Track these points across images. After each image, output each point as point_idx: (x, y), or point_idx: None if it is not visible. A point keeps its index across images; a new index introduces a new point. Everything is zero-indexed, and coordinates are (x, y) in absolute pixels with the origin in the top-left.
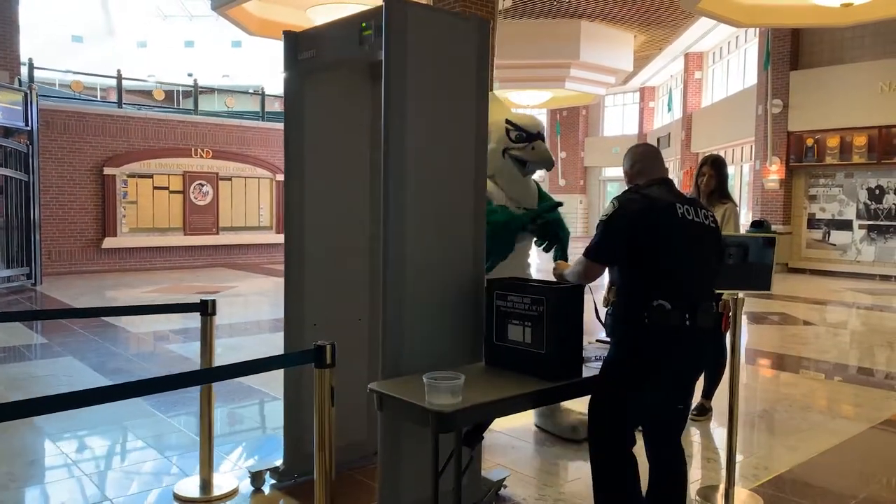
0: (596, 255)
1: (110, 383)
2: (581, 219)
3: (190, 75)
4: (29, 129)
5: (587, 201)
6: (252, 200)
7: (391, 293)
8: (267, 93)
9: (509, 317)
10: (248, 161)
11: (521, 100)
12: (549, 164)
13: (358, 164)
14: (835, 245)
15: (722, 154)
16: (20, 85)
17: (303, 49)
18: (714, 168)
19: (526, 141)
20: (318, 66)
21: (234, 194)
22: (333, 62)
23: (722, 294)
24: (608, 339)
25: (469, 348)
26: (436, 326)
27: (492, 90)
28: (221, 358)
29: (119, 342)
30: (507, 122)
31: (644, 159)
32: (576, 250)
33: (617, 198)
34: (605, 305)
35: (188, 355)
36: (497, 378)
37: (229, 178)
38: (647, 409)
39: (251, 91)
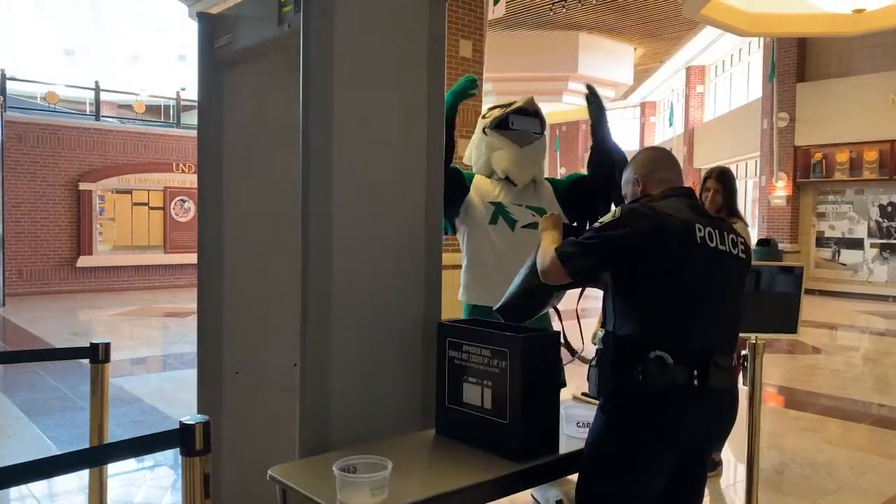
0: (565, 260)
1: (29, 428)
2: None
3: (183, 89)
4: None
5: None
6: None
7: (311, 338)
8: None
9: (464, 372)
10: None
11: None
12: (529, 104)
13: (292, 173)
14: (845, 265)
15: None
16: None
17: (219, 34)
18: (720, 182)
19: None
20: (236, 55)
21: None
22: (253, 48)
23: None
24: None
25: (417, 411)
26: (373, 382)
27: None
28: (165, 396)
29: (64, 375)
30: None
31: (667, 164)
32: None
33: (621, 207)
34: (595, 343)
35: (136, 391)
36: (445, 456)
37: None
38: (647, 497)
39: None
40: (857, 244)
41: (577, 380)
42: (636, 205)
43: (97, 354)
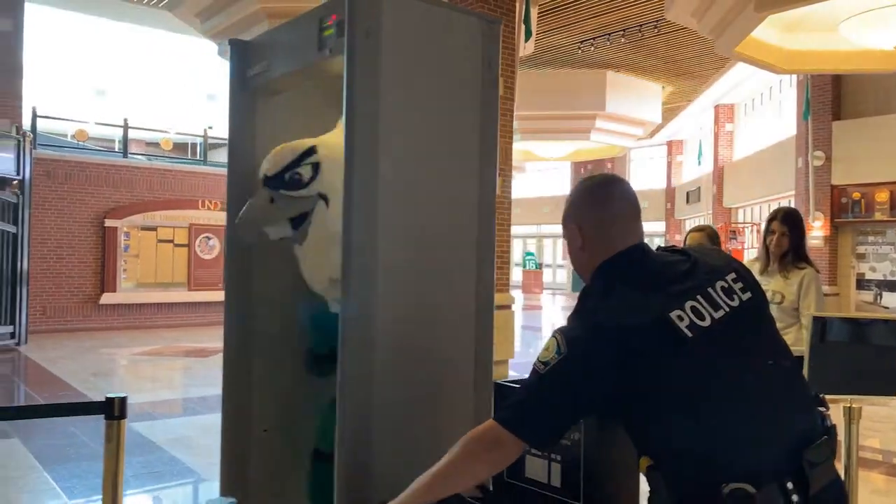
0: (516, 426)
1: (42, 477)
2: None
3: (210, 127)
4: (21, 178)
5: None
6: None
7: (350, 400)
8: None
9: None
10: None
11: (542, 152)
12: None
13: None
14: (888, 308)
15: (759, 209)
16: (17, 133)
17: (253, 62)
18: (787, 224)
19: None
20: (272, 83)
21: None
22: (290, 75)
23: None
24: None
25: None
26: (418, 450)
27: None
28: (185, 444)
29: (84, 422)
30: None
31: (619, 210)
32: None
33: (562, 331)
34: None
35: (156, 438)
36: None
37: None
38: None
39: None
40: None
41: None
42: (577, 328)
43: (112, 410)
